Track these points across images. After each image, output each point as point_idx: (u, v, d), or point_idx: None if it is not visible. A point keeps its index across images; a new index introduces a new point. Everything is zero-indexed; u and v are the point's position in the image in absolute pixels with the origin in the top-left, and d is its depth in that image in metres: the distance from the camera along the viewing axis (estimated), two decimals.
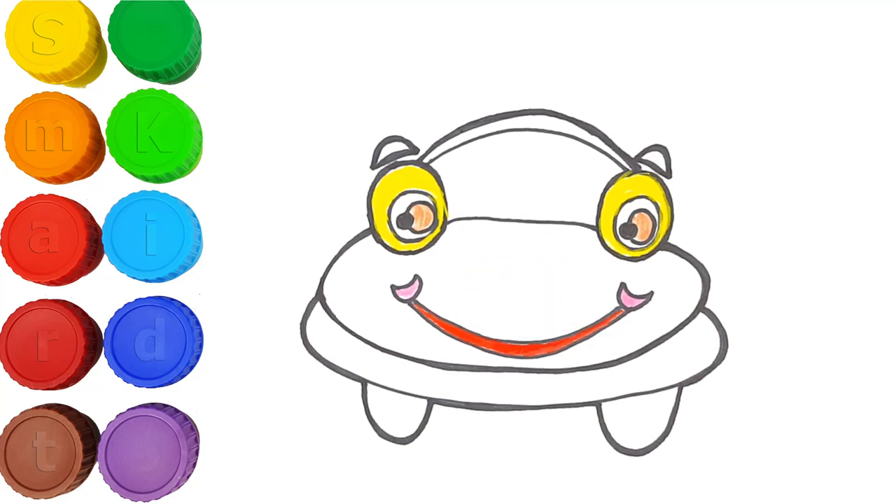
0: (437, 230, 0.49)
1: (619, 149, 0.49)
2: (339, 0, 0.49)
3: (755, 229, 0.49)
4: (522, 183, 0.49)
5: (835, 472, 0.49)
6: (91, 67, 0.48)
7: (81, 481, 0.47)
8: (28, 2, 0.47)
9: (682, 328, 0.49)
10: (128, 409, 0.47)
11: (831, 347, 0.49)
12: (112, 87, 0.49)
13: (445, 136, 0.49)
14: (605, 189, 0.49)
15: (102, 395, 0.48)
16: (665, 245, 0.49)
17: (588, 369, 0.49)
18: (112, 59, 0.49)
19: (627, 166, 0.49)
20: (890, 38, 0.50)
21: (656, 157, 0.49)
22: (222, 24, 0.49)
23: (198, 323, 0.48)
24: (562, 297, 0.49)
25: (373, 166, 0.49)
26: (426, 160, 0.49)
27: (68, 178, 0.48)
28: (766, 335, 0.49)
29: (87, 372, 0.48)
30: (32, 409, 0.47)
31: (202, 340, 0.48)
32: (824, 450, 0.49)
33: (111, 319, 0.47)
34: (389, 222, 0.49)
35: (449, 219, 0.49)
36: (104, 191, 0.48)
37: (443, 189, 0.49)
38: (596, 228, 0.49)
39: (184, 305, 0.48)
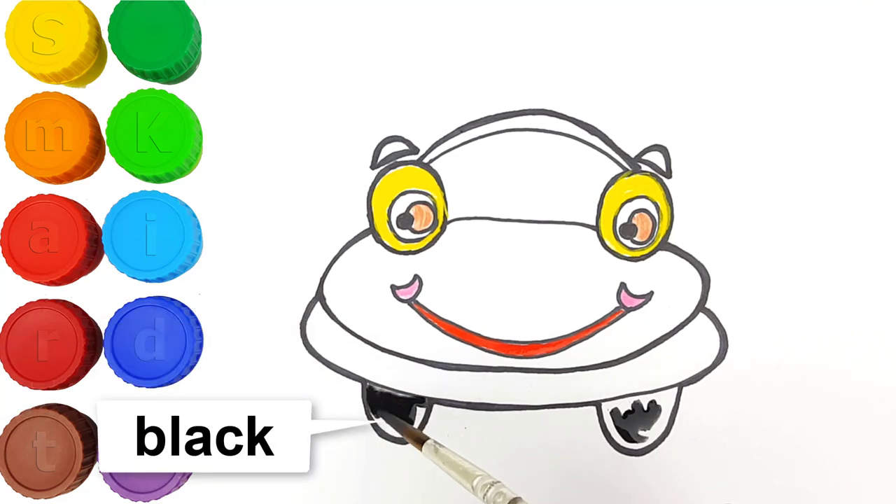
0: (437, 230, 0.49)
1: (619, 149, 0.49)
2: (339, 0, 0.49)
3: (755, 229, 0.49)
4: (522, 183, 0.49)
5: (833, 471, 0.49)
6: (91, 67, 0.48)
7: (81, 481, 0.47)
8: (28, 2, 0.47)
9: (682, 328, 0.49)
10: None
11: (831, 347, 0.49)
12: (112, 87, 0.49)
13: (445, 136, 0.49)
14: (605, 189, 0.49)
15: (102, 395, 0.48)
16: (665, 245, 0.49)
17: (588, 369, 0.49)
18: (112, 59, 0.49)
19: (627, 166, 0.49)
20: (889, 38, 0.50)
21: (656, 157, 0.49)
22: (222, 24, 0.49)
23: (198, 323, 0.48)
24: (561, 297, 0.49)
25: (373, 166, 0.49)
26: (426, 160, 0.49)
27: (68, 178, 0.48)
28: (765, 335, 0.49)
29: (87, 372, 0.48)
30: (32, 409, 0.47)
31: (202, 340, 0.48)
32: (823, 449, 0.49)
33: (111, 319, 0.47)
34: (389, 222, 0.49)
35: (449, 219, 0.49)
36: (104, 191, 0.48)
37: (443, 189, 0.49)
38: (596, 228, 0.49)
39: (184, 305, 0.48)
